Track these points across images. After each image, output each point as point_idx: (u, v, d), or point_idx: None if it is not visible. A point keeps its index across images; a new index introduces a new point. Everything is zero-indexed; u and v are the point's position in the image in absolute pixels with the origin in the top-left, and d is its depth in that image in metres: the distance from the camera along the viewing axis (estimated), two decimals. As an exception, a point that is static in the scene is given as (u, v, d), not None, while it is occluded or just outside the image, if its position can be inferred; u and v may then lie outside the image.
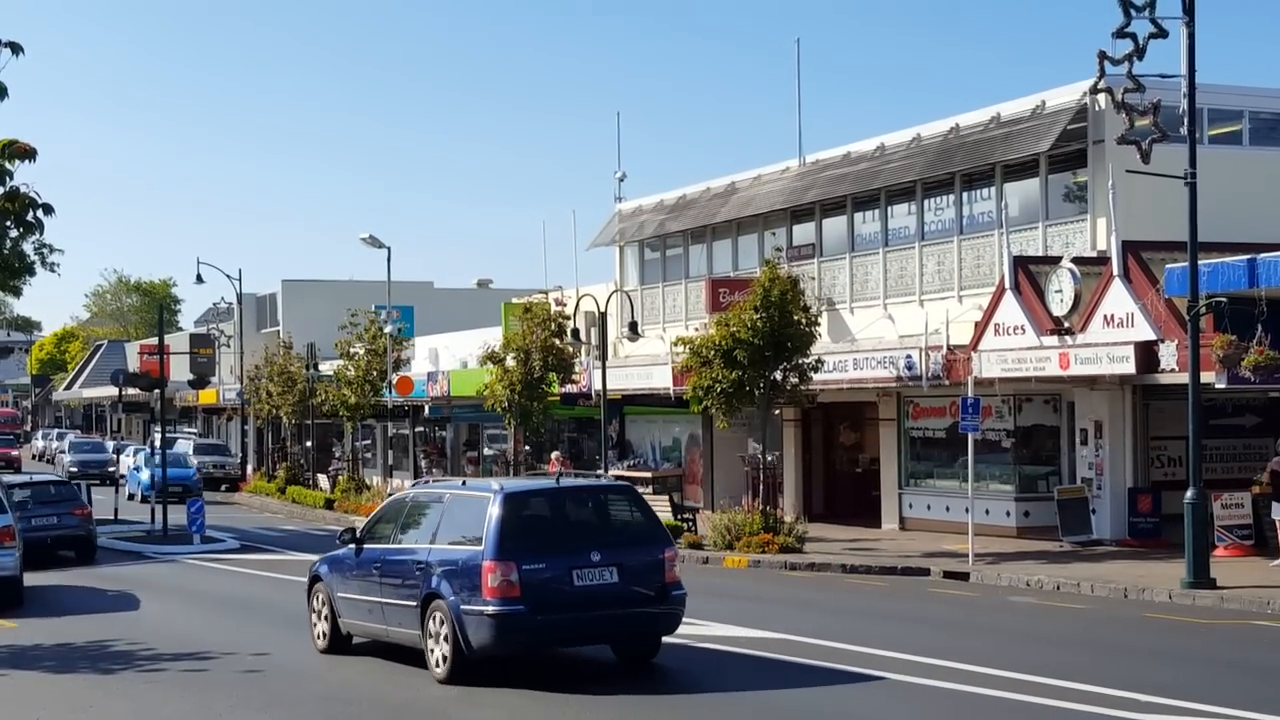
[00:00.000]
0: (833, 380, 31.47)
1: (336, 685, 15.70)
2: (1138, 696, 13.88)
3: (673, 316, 41.55)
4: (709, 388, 29.73)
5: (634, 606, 15.57)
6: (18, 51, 11.93)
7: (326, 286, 70.65)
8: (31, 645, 19.37)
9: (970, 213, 32.59)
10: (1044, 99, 30.37)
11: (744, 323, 29.09)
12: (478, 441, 53.08)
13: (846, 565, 26.97)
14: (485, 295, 67.81)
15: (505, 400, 37.12)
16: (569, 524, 16.05)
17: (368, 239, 48.47)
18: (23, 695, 15.69)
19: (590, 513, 16.37)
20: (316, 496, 49.63)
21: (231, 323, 70.21)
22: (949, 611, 21.30)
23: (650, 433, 42.69)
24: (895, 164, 33.89)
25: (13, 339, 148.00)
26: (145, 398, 67.49)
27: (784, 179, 37.86)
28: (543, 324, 37.13)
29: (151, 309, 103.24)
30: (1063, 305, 27.22)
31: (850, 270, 35.50)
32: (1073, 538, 28.30)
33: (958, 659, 16.03)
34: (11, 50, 11.92)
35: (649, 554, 15.79)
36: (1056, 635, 18.76)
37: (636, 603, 15.58)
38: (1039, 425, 31.17)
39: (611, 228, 44.66)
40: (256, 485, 58.06)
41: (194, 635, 19.71)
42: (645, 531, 16.11)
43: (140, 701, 15.10)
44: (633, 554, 15.71)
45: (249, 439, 68.75)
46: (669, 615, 15.91)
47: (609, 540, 15.77)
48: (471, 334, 49.54)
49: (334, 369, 50.96)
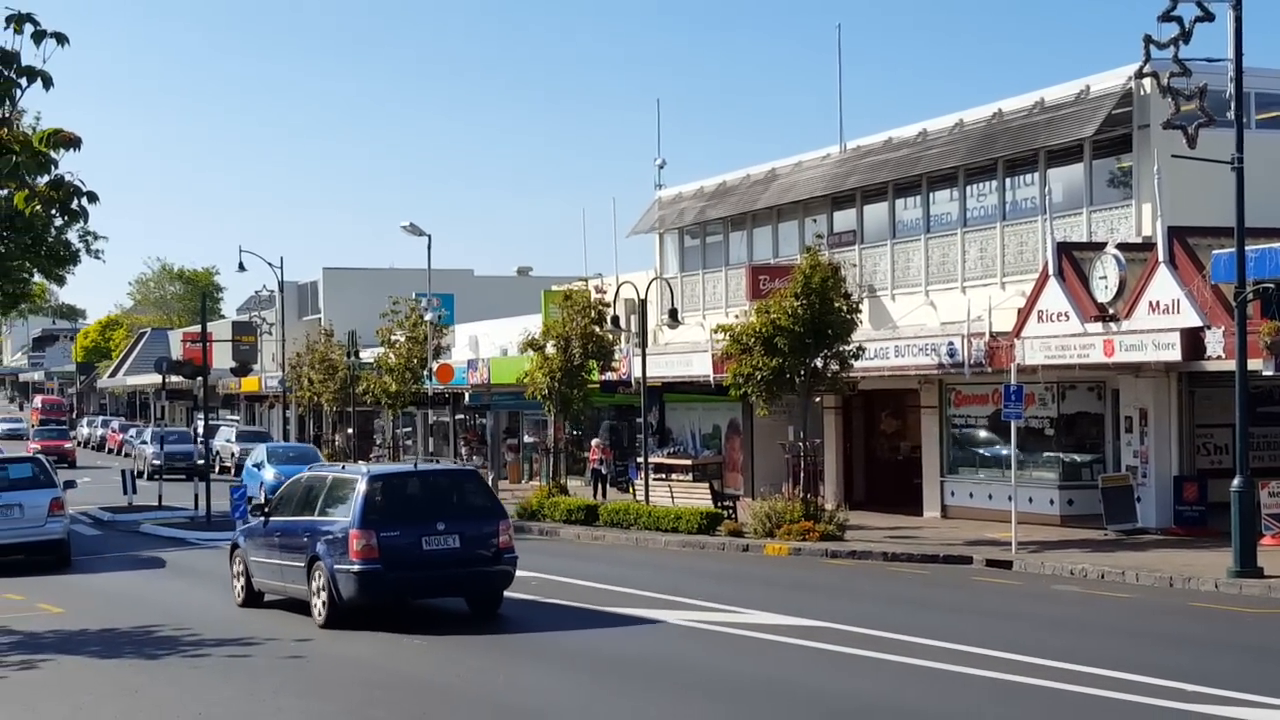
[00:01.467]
0: (874, 367, 31.36)
1: (382, 672, 15.75)
2: (1184, 686, 13.77)
3: (713, 304, 41.48)
4: (749, 375, 29.67)
5: (473, 566, 19.11)
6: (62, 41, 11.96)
7: (367, 274, 70.96)
8: (78, 630, 19.53)
9: (1013, 199, 32.39)
10: (1088, 84, 30.13)
11: (784, 310, 29.00)
12: (518, 429, 53.20)
13: (888, 553, 26.88)
14: (525, 283, 67.94)
15: (545, 388, 37.15)
16: (421, 501, 19.62)
17: (408, 227, 48.62)
18: (70, 680, 15.81)
19: (439, 492, 20.07)
20: (358, 483, 49.75)
21: (273, 310, 70.58)
22: (992, 600, 21.20)
23: (690, 420, 42.66)
24: (937, 150, 33.71)
25: (58, 327, 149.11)
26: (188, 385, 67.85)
27: (825, 165, 37.72)
28: (583, 311, 37.14)
29: (194, 297, 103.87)
30: (1107, 292, 27.01)
31: (892, 257, 35.35)
32: (1117, 526, 28.12)
33: (1001, 648, 15.94)
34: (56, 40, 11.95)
35: (486, 525, 19.35)
36: (1101, 624, 18.64)
37: (475, 563, 19.11)
38: (1083, 413, 30.98)
39: (651, 215, 44.62)
40: (299, 472, 58.29)
41: (237, 620, 19.83)
42: (484, 507, 19.79)
43: (185, 686, 15.19)
44: (472, 525, 19.24)
45: (290, 426, 69.09)
46: (503, 573, 19.47)
47: (453, 514, 19.29)
48: (511, 321, 49.63)
49: (375, 356, 51.16)
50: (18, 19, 11.74)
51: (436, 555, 18.85)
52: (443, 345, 49.40)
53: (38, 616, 21.23)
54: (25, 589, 25.05)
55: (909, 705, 13.54)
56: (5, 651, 17.88)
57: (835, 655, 16.06)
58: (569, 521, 34.15)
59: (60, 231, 37.78)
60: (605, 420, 46.33)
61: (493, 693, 14.51)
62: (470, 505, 19.76)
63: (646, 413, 36.52)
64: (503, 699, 14.20)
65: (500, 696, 14.32)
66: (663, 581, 23.04)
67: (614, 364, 38.39)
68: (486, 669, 15.69)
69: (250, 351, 59.77)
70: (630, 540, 31.10)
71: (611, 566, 25.83)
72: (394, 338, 48.95)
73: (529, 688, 14.78)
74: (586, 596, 21.37)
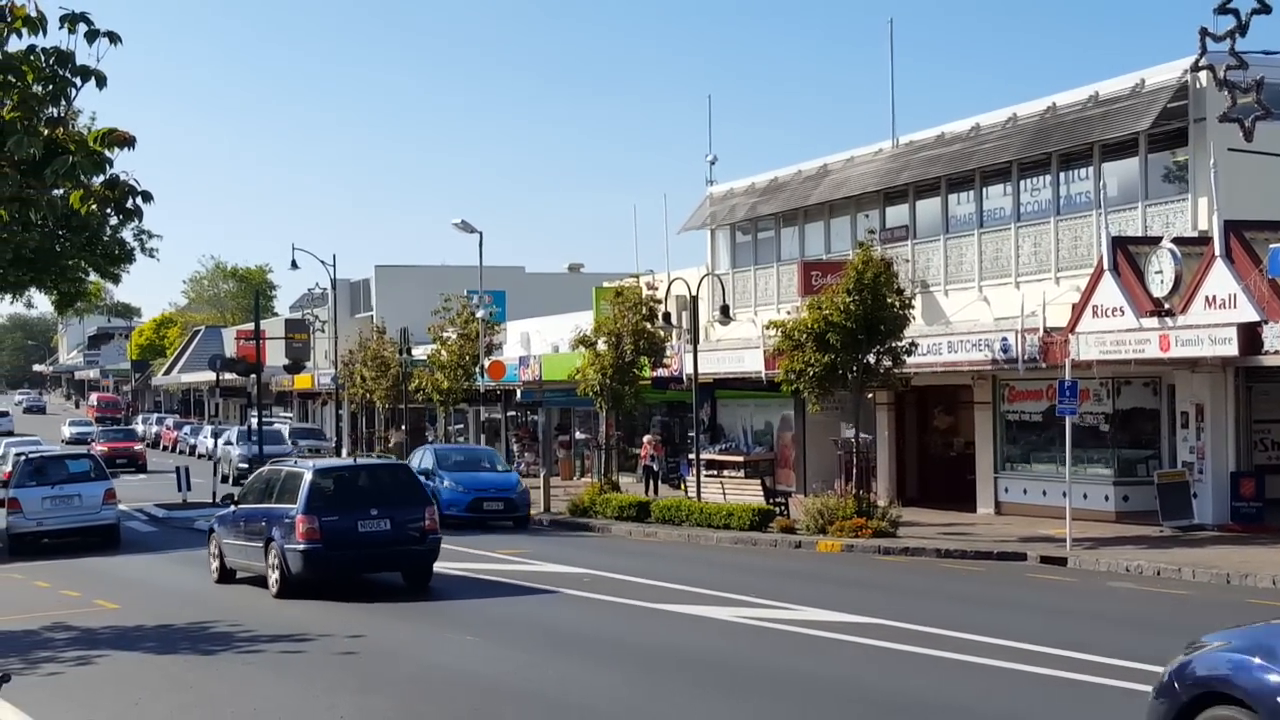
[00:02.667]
0: (927, 363, 31.20)
1: (433, 667, 15.79)
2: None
3: (764, 300, 41.37)
4: (801, 371, 29.58)
5: (402, 546, 22.50)
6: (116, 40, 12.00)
7: (419, 272, 71.18)
8: (134, 626, 19.68)
9: (1067, 193, 32.14)
10: (1143, 77, 29.85)
11: (836, 306, 28.90)
12: (569, 425, 53.24)
13: (941, 550, 26.74)
14: (576, 279, 67.98)
15: (597, 384, 37.18)
16: (358, 490, 22.99)
17: (460, 224, 48.74)
18: (126, 675, 15.93)
19: (374, 482, 23.47)
20: (410, 480, 49.90)
21: (326, 308, 70.91)
22: (1047, 597, 21.04)
23: (742, 416, 42.57)
24: (991, 144, 33.49)
25: (113, 325, 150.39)
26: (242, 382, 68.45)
27: (877, 160, 37.55)
28: (634, 308, 37.14)
29: (248, 295, 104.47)
30: (1163, 286, 26.75)
31: (945, 252, 35.16)
32: (1173, 522, 27.87)
33: (1058, 645, 15.81)
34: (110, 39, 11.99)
35: (414, 511, 22.66)
36: (1157, 621, 18.46)
37: (404, 543, 22.50)
38: (1138, 408, 30.72)
39: (703, 211, 44.55)
40: (351, 469, 58.50)
41: (291, 617, 19.93)
42: (412, 496, 23.10)
43: (239, 682, 15.28)
44: (402, 511, 22.53)
45: (343, 423, 69.43)
46: (429, 552, 22.78)
47: (386, 501, 22.63)
48: (563, 318, 49.68)
49: (427, 354, 51.32)
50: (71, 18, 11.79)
51: (370, 536, 22.26)
52: (494, 342, 49.49)
53: (94, 612, 21.42)
54: (82, 586, 25.31)
55: (964, 703, 13.44)
56: (62, 647, 18.05)
57: (888, 652, 15.97)
58: (620, 518, 34.15)
59: (115, 230, 38.07)
60: (656, 417, 46.32)
61: (543, 689, 14.51)
62: (400, 494, 23.06)
63: (698, 409, 36.47)
64: (553, 695, 14.20)
65: (551, 692, 14.32)
66: (715, 578, 23.00)
67: (665, 360, 38.36)
68: (536, 664, 15.71)
69: (303, 349, 60.15)
70: (682, 537, 31.07)
71: (663, 563, 25.81)
72: (446, 335, 49.10)
73: (579, 683, 14.77)
74: (638, 593, 21.36)
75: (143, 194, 13.35)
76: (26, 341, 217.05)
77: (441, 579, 23.64)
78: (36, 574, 27.97)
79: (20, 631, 19.58)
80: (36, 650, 17.83)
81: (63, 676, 15.93)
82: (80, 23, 11.88)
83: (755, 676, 14.84)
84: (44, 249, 35.13)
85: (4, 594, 24.85)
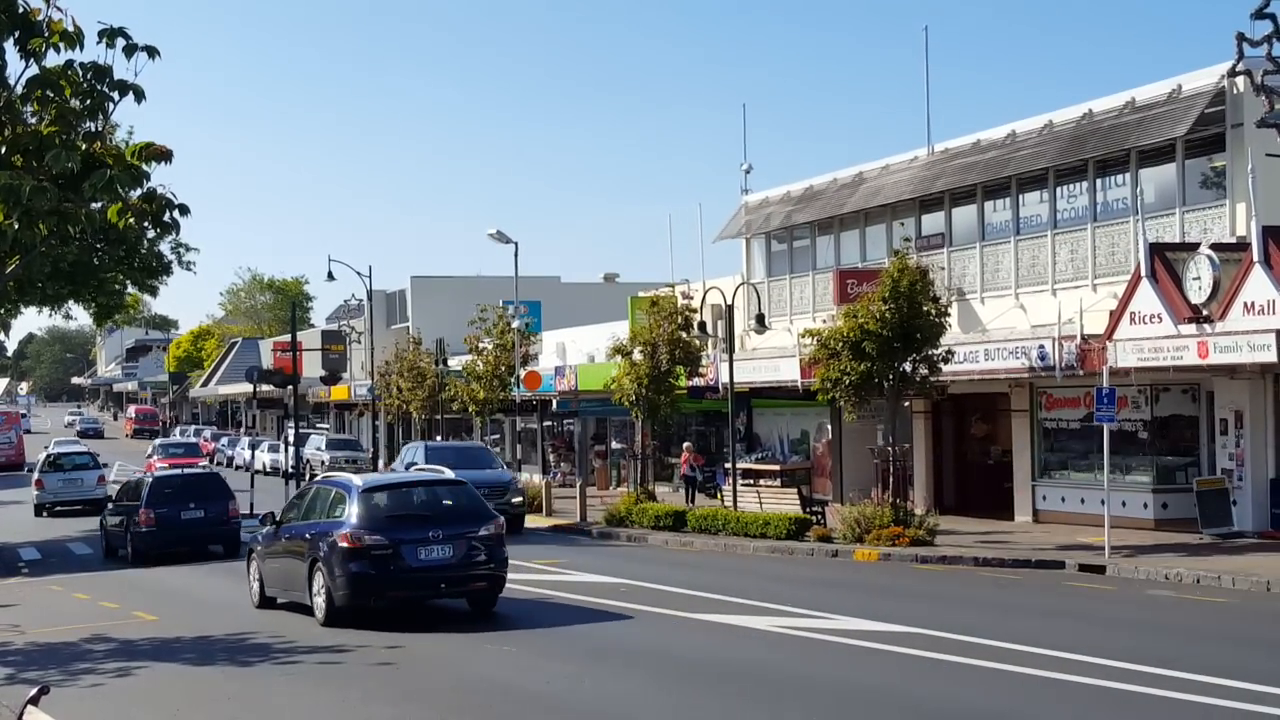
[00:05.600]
0: (963, 371, 31.08)
1: (471, 678, 15.80)
2: (1286, 693, 13.48)
3: (800, 308, 41.31)
4: (837, 380, 29.51)
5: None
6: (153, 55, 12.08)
7: (455, 282, 71.35)
8: (172, 638, 19.75)
9: (1104, 199, 31.98)
10: (1180, 83, 29.69)
11: (872, 314, 28.83)
12: (605, 435, 53.25)
13: (979, 558, 26.62)
14: (612, 289, 68.04)
15: (633, 394, 37.17)
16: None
17: (495, 234, 48.84)
18: (163, 686, 15.99)
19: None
20: (447, 490, 50.01)
21: (362, 319, 71.18)
22: (1086, 605, 20.91)
23: (778, 425, 42.50)
24: (1026, 151, 33.36)
25: (151, 337, 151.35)
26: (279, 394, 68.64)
27: (912, 168, 37.46)
28: (669, 317, 37.13)
29: (284, 306, 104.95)
30: (1201, 293, 26.56)
31: (980, 260, 35.03)
32: (1213, 530, 27.67)
33: (1098, 654, 15.70)
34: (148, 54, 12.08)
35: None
36: (1197, 630, 18.32)
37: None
38: (1176, 415, 30.53)
39: (738, 220, 44.52)
40: (388, 480, 58.70)
41: (329, 629, 19.93)
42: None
43: (278, 693, 15.31)
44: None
45: (380, 434, 69.62)
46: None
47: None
48: (598, 328, 49.72)
49: (462, 364, 51.44)
50: (110, 33, 11.87)
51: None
52: (530, 352, 49.56)
53: (132, 624, 21.52)
54: (120, 597, 25.45)
55: (1004, 712, 13.36)
56: (102, 659, 18.14)
57: (928, 661, 15.89)
58: (657, 527, 34.13)
59: (153, 244, 38.36)
60: (692, 426, 46.28)
61: (582, 700, 14.49)
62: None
63: (734, 418, 36.43)
64: (591, 705, 14.18)
65: (588, 703, 14.30)
66: (752, 587, 22.95)
67: (701, 369, 38.34)
68: (572, 675, 15.69)
69: (339, 360, 60.35)
70: (719, 546, 31.01)
71: (700, 572, 25.76)
72: (482, 345, 49.21)
73: (616, 694, 14.75)
74: (676, 603, 21.32)
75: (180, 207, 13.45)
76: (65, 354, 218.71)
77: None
78: (75, 586, 28.15)
79: (60, 644, 19.69)
80: (76, 662, 17.92)
81: (102, 688, 16.00)
82: (118, 37, 11.96)
83: (795, 686, 14.79)
84: (82, 262, 35.43)
85: (44, 606, 25.01)
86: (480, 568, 20.20)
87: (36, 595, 26.98)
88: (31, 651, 19.18)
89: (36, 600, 26.06)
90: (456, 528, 20.14)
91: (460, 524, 20.27)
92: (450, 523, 20.26)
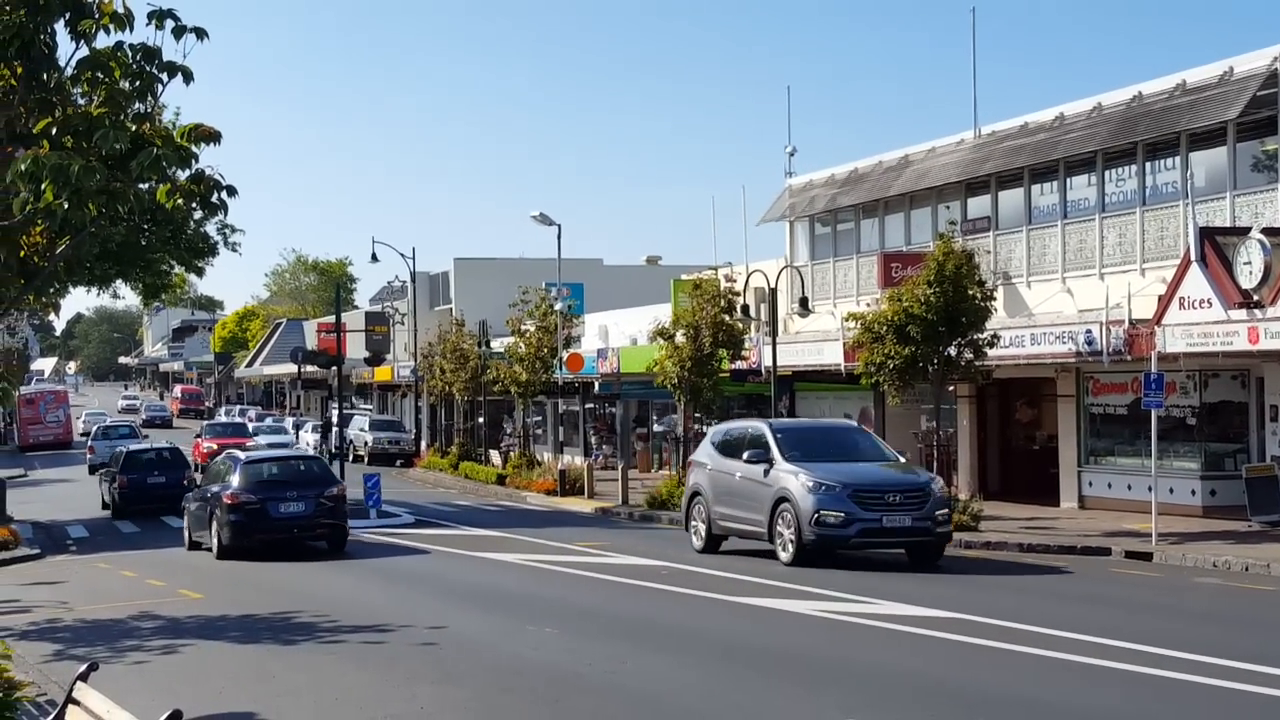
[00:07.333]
0: (1009, 356, 30.91)
1: (512, 659, 15.83)
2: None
3: (844, 292, 41.17)
4: (881, 364, 29.40)
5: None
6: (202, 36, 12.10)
7: (498, 264, 71.45)
8: (218, 616, 19.88)
9: (1153, 183, 31.71)
10: (1232, 65, 29.38)
11: (917, 298, 28.70)
12: (647, 418, 53.26)
13: (1024, 544, 26.48)
14: (654, 272, 67.96)
15: (675, 377, 37.13)
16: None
17: (538, 216, 48.86)
18: (208, 664, 16.09)
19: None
20: (489, 472, 50.25)
21: (405, 301, 71.38)
22: (1133, 592, 20.77)
23: (821, 409, 42.35)
24: (1075, 134, 33.10)
25: (197, 318, 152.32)
26: (323, 375, 69.01)
27: (959, 151, 37.23)
28: (712, 300, 37.06)
29: (329, 288, 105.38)
30: (1252, 277, 26.30)
31: (1027, 243, 34.80)
32: (1262, 517, 27.44)
33: (1140, 640, 15.57)
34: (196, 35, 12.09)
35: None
36: (1245, 618, 18.17)
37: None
38: (1226, 401, 30.28)
39: (782, 203, 44.38)
40: (430, 461, 59.05)
41: (372, 607, 20.05)
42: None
43: (321, 672, 15.37)
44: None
45: (423, 415, 69.87)
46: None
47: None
48: (641, 310, 49.68)
49: (505, 346, 51.51)
50: (159, 15, 11.89)
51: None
52: (572, 335, 49.59)
53: (179, 602, 21.68)
54: (166, 575, 25.66)
55: (1045, 699, 13.27)
56: (148, 636, 18.27)
57: (969, 646, 15.81)
58: (699, 510, 34.00)
59: (199, 224, 38.54)
60: (735, 409, 46.23)
61: (624, 681, 14.50)
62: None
63: (777, 401, 36.34)
64: (634, 687, 14.18)
65: (631, 684, 14.30)
66: (793, 571, 22.90)
67: (744, 353, 38.26)
68: (613, 657, 15.69)
69: (383, 341, 60.59)
70: (761, 530, 30.91)
71: (741, 556, 25.73)
72: (524, 327, 49.24)
73: (660, 675, 14.75)
74: (716, 586, 21.31)
75: (227, 188, 13.47)
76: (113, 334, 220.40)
77: (521, 570, 23.64)
78: (122, 564, 28.39)
79: (108, 620, 19.85)
80: (123, 639, 18.06)
81: (148, 665, 16.11)
82: (167, 19, 11.98)
83: (835, 669, 14.75)
84: (130, 242, 35.62)
85: (92, 583, 25.23)
86: (325, 519, 28.21)
87: (84, 572, 27.24)
88: (79, 628, 19.35)
89: (84, 577, 26.30)
90: (309, 490, 28.28)
91: (312, 487, 28.40)
92: (304, 486, 28.39)
